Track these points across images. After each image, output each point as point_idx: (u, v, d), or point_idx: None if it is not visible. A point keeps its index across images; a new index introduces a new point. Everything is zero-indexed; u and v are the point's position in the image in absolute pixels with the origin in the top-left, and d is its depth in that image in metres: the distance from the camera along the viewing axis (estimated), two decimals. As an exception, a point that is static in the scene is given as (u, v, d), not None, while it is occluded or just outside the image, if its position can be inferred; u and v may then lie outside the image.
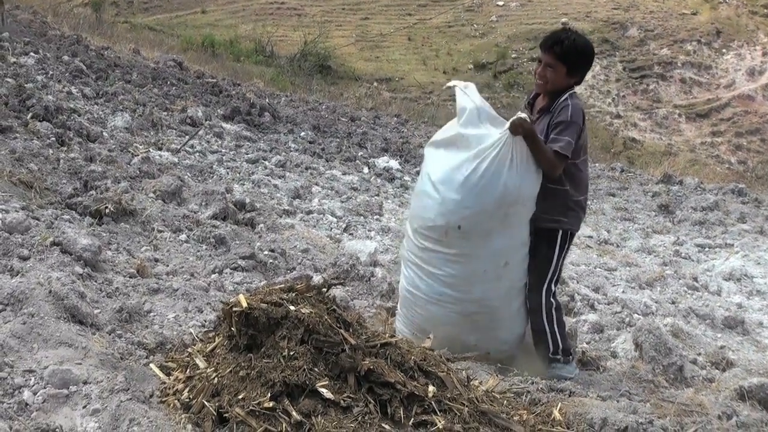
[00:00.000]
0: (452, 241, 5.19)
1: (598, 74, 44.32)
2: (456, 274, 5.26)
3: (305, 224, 8.94)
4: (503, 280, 5.31)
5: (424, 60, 46.39)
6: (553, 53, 5.30)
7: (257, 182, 10.30)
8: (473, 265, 5.22)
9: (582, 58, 5.33)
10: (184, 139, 11.41)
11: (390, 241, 9.07)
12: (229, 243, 7.07)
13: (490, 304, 5.35)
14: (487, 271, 5.23)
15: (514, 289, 5.42)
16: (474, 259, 5.22)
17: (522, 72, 42.40)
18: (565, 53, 5.27)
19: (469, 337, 5.38)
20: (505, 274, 5.29)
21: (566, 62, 5.27)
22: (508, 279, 5.34)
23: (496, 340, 5.47)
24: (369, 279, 7.03)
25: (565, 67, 5.28)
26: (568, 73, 5.29)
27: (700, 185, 15.79)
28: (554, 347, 5.48)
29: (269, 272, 6.70)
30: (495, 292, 5.32)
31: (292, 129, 15.27)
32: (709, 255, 10.96)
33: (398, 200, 11.64)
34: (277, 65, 36.02)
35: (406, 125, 21.04)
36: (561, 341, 5.50)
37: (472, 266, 5.22)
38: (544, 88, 5.41)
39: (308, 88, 28.61)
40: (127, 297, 5.16)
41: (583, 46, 5.33)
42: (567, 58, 5.27)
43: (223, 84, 18.31)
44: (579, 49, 5.30)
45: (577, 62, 5.31)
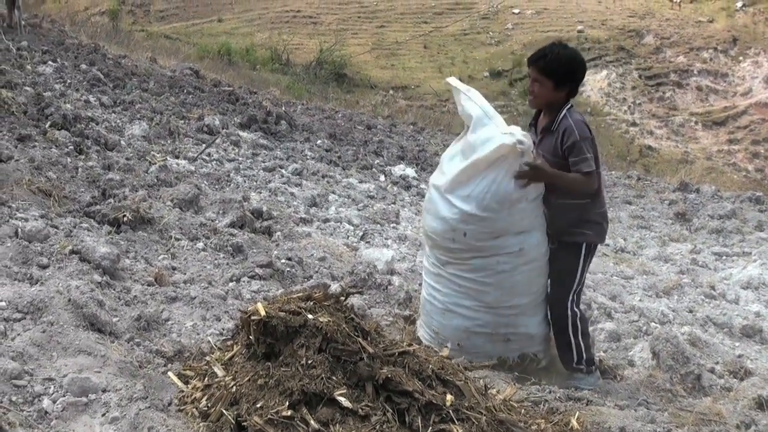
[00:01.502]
0: (461, 246, 5.22)
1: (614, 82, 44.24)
2: (472, 278, 5.29)
3: (322, 232, 8.94)
4: (520, 272, 5.30)
5: (440, 68, 46.35)
6: (537, 68, 5.31)
7: (274, 190, 10.32)
8: (487, 262, 5.25)
9: (567, 71, 5.29)
10: (200, 148, 11.45)
11: (407, 249, 9.07)
12: (246, 251, 7.09)
13: (509, 303, 5.37)
14: (500, 261, 5.25)
15: (534, 278, 5.44)
16: (485, 257, 5.25)
17: (538, 80, 42.31)
18: (550, 67, 5.26)
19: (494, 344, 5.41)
20: (520, 263, 5.29)
21: (552, 77, 5.26)
22: (526, 268, 5.33)
23: (525, 337, 5.47)
24: (386, 287, 7.03)
25: (552, 82, 5.26)
26: (555, 88, 5.27)
27: (717, 193, 15.72)
28: (578, 357, 5.48)
29: (286, 281, 6.71)
30: (511, 286, 5.32)
31: (309, 137, 15.30)
32: (726, 263, 10.91)
33: (415, 208, 11.64)
34: (293, 73, 36.11)
35: (422, 133, 21.07)
36: (585, 351, 5.50)
37: (486, 263, 5.25)
38: (535, 103, 5.44)
39: (324, 96, 28.71)
40: (145, 305, 5.17)
41: (567, 59, 5.29)
42: (552, 72, 5.25)
43: (240, 92, 18.36)
44: (563, 63, 5.26)
45: (563, 76, 5.28)
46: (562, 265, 5.44)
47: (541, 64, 5.27)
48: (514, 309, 5.39)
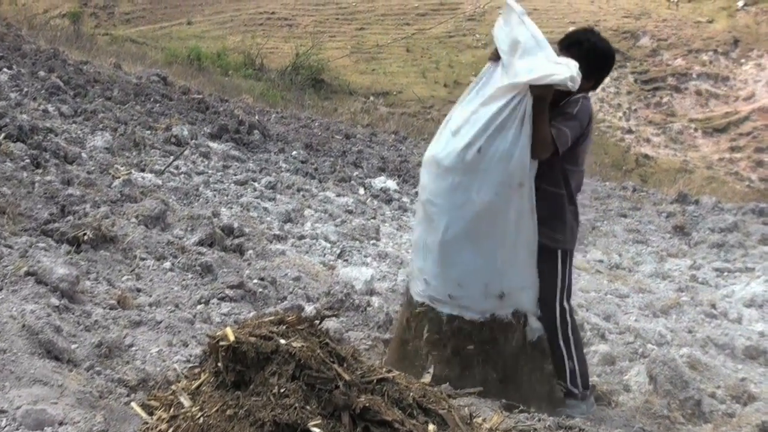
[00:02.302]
0: (471, 165, 5.23)
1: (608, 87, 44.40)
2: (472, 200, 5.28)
3: (297, 250, 8.94)
4: (513, 202, 5.28)
5: (424, 72, 46.43)
6: (570, 54, 5.22)
7: (246, 205, 10.30)
8: (491, 178, 5.23)
9: (600, 62, 5.32)
10: (168, 160, 11.42)
11: (387, 267, 9.07)
12: (216, 271, 7.07)
13: (505, 249, 5.37)
14: (503, 182, 5.22)
15: (524, 219, 5.38)
16: (491, 175, 5.21)
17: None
18: (584, 55, 5.22)
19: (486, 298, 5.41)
20: (516, 196, 5.26)
21: (589, 68, 5.20)
22: (518, 203, 5.30)
23: (518, 291, 5.46)
24: (365, 309, 7.03)
25: (588, 78, 5.22)
26: (584, 77, 5.12)
27: (718, 205, 15.78)
28: (572, 377, 5.45)
29: (259, 302, 6.70)
30: (505, 220, 5.31)
31: (283, 148, 15.30)
32: (728, 280, 10.95)
33: (396, 223, 11.65)
34: (267, 79, 36.09)
35: (405, 143, 21.09)
36: (578, 364, 5.48)
37: (490, 180, 5.23)
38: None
39: (300, 104, 28.69)
40: (107, 330, 5.15)
41: (603, 50, 5.33)
42: (585, 59, 5.17)
43: (210, 100, 18.33)
44: (599, 53, 5.30)
45: (595, 66, 5.30)
46: (542, 269, 5.45)
47: (576, 52, 5.25)
48: (511, 258, 5.39)
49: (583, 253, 11.35)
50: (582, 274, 10.08)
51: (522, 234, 5.34)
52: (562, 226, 5.41)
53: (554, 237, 5.39)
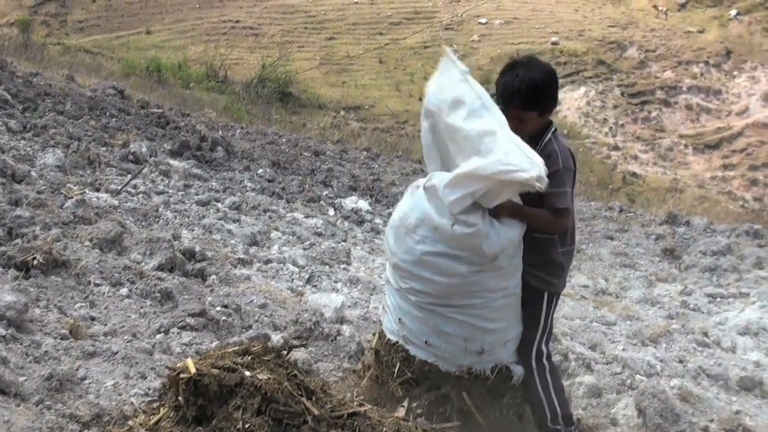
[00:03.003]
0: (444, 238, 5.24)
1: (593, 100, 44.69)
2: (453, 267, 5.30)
3: (263, 275, 8.92)
4: (488, 274, 5.30)
5: (398, 85, 46.61)
6: (514, 106, 5.23)
7: (209, 227, 10.28)
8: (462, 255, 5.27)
9: (548, 95, 5.30)
10: (125, 179, 11.39)
11: (359, 293, 9.06)
12: (176, 298, 7.05)
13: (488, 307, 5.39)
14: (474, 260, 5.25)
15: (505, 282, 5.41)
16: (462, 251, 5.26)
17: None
18: (528, 99, 5.21)
19: (465, 354, 5.40)
20: (489, 269, 5.29)
21: (534, 108, 5.23)
22: (495, 273, 5.32)
23: (499, 346, 5.46)
24: (335, 338, 7.02)
25: (535, 112, 5.24)
26: (540, 115, 5.25)
27: (710, 226, 15.84)
28: (552, 415, 5.46)
29: (222, 331, 6.68)
30: (483, 289, 5.32)
31: (249, 166, 15.29)
32: (721, 306, 10.97)
33: (368, 246, 11.65)
34: (231, 92, 36.11)
35: (377, 160, 21.10)
36: (560, 407, 5.48)
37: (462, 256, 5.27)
38: (520, 137, 5.20)
39: (267, 119, 28.70)
40: (58, 362, 5.12)
41: (541, 79, 5.21)
42: (533, 103, 5.22)
43: (171, 114, 18.30)
44: (541, 88, 5.21)
45: (545, 101, 5.28)
46: (527, 309, 5.49)
47: (518, 102, 5.21)
48: (493, 319, 5.39)
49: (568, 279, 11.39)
50: (566, 300, 10.10)
51: (502, 298, 5.38)
52: (552, 269, 5.44)
53: (543, 279, 5.42)
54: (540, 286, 5.41)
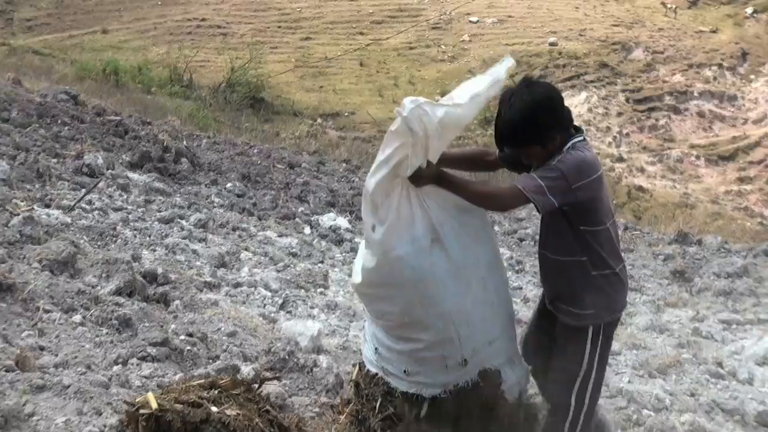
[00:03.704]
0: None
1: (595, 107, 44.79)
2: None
3: (232, 300, 8.92)
4: (437, 265, 5.34)
5: (380, 90, 46.65)
6: (516, 148, 5.30)
7: (172, 247, 10.27)
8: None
9: (548, 121, 5.12)
10: (79, 194, 11.36)
11: (338, 320, 9.07)
12: (135, 325, 7.03)
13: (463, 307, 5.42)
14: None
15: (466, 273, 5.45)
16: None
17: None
18: (528, 137, 5.15)
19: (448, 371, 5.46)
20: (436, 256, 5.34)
21: (535, 142, 5.16)
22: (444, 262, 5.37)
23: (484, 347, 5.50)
24: (311, 370, 7.02)
25: (538, 145, 5.17)
26: (545, 146, 5.16)
27: (725, 245, 15.84)
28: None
29: (186, 362, 6.67)
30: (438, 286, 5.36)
31: (216, 179, 15.28)
32: (737, 333, 10.95)
33: (348, 268, 11.63)
34: (197, 98, 36.13)
35: (358, 173, 21.10)
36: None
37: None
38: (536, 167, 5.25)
39: (236, 127, 28.71)
40: (3, 396, 5.10)
41: (521, 117, 5.09)
42: (533, 138, 5.15)
43: (130, 123, 18.27)
44: (535, 118, 5.08)
45: (547, 130, 5.15)
46: (562, 348, 5.41)
47: (518, 142, 5.21)
48: (466, 321, 5.41)
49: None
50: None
51: (472, 291, 5.42)
52: (586, 297, 5.28)
53: (577, 313, 5.32)
54: (577, 322, 5.33)
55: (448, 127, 5.11)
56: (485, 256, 5.56)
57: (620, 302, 5.45)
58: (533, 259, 13.50)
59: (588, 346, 5.32)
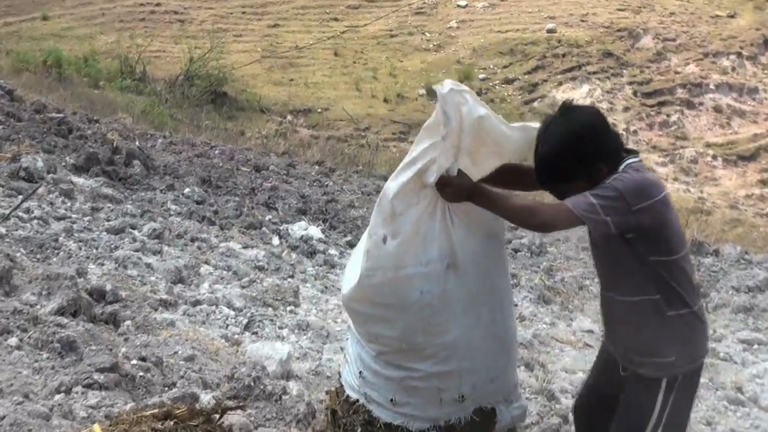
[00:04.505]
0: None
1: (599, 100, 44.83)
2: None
3: (190, 320, 8.90)
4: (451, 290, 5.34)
5: (357, 83, 46.66)
6: (556, 185, 5.12)
7: (122, 261, 10.23)
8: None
9: (586, 151, 4.97)
10: (15, 201, 11.34)
11: (309, 342, 9.06)
12: (81, 349, 7.02)
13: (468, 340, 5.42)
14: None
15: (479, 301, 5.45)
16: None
17: (494, 99, 42.59)
18: (565, 173, 5.04)
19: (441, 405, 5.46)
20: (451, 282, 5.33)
21: (577, 177, 5.01)
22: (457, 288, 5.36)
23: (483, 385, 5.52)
24: (280, 398, 7.01)
25: (581, 180, 5.01)
26: (590, 180, 4.98)
27: (745, 256, 15.87)
28: None
29: (138, 390, 6.65)
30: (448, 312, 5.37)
31: (173, 184, 15.27)
32: (758, 355, 10.98)
33: (321, 283, 11.64)
34: (151, 92, 36.10)
35: (332, 176, 21.14)
36: None
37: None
38: None
39: (196, 125, 28.70)
40: (-70, 431, 5.10)
41: (557, 152, 4.99)
42: (572, 174, 5.02)
43: (74, 121, 18.25)
44: (574, 151, 4.97)
45: (587, 163, 5.00)
46: (630, 398, 5.25)
47: (558, 179, 5.07)
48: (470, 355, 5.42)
49: (567, 322, 11.42)
50: (566, 349, 10.13)
51: (481, 323, 5.43)
52: (662, 343, 5.09)
53: (649, 363, 5.14)
54: (650, 372, 5.14)
55: (487, 137, 5.11)
56: (499, 287, 5.58)
57: (702, 347, 5.26)
58: (529, 272, 13.57)
59: (659, 401, 5.14)
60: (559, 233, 17.06)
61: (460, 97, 4.91)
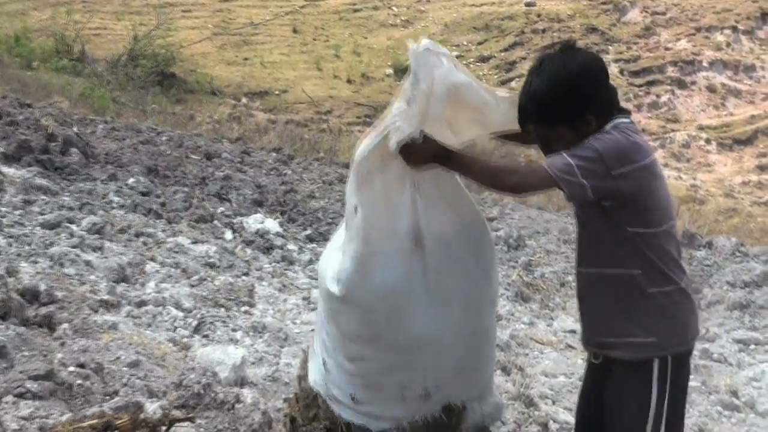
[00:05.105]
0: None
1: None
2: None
3: (134, 323, 8.88)
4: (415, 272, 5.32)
5: (318, 62, 46.62)
6: (540, 127, 5.04)
7: (59, 258, 10.19)
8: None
9: (579, 95, 4.92)
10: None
11: (266, 345, 9.04)
12: (11, 355, 6.99)
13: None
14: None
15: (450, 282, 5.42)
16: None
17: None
18: (552, 114, 4.96)
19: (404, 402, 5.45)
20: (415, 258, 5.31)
21: (564, 122, 4.95)
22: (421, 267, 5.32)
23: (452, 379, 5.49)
24: (233, 406, 7.00)
25: (567, 126, 4.96)
26: (576, 130, 4.94)
27: (740, 249, 15.93)
28: None
29: (76, 400, 6.63)
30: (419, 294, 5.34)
31: (115, 174, 15.22)
32: (755, 356, 11.02)
33: (278, 281, 11.63)
34: (91, 74, 35.96)
35: (291, 164, 21.14)
36: None
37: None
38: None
39: (141, 110, 28.64)
40: None
41: (548, 88, 4.90)
42: (560, 117, 4.95)
43: (4, 105, 18.19)
44: (567, 92, 4.89)
45: (577, 109, 4.94)
46: (621, 396, 5.15)
47: (542, 119, 4.99)
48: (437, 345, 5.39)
49: (547, 321, 11.44)
50: (546, 350, 10.15)
51: (451, 313, 5.39)
52: (643, 321, 5.02)
53: (635, 344, 5.04)
54: (636, 354, 5.04)
55: (467, 105, 5.15)
56: (474, 277, 5.51)
57: (692, 327, 5.16)
58: (506, 267, 13.60)
59: (654, 386, 5.02)
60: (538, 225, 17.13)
61: (435, 59, 4.90)
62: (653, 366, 4.97)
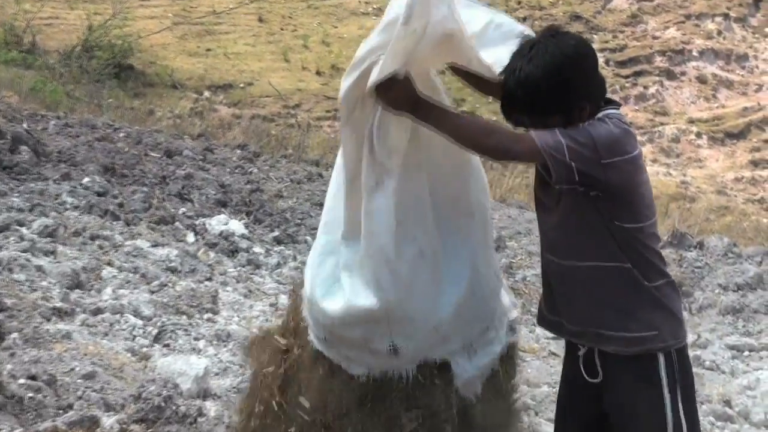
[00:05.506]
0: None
1: (566, 72, 44.90)
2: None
3: (90, 332, 8.86)
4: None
5: (285, 53, 46.56)
6: (531, 117, 4.89)
7: (8, 263, 10.17)
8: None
9: (575, 81, 4.85)
10: None
11: (231, 355, 9.04)
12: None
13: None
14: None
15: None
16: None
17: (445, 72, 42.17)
18: (547, 101, 4.84)
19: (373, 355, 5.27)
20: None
21: (558, 110, 4.86)
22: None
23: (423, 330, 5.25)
24: (195, 420, 7.00)
25: (560, 115, 4.85)
26: (570, 118, 4.85)
27: (733, 249, 15.94)
28: None
29: (27, 414, 6.62)
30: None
31: (69, 173, 15.19)
32: (749, 363, 11.03)
33: (244, 286, 11.62)
34: (42, 66, 35.82)
35: (257, 161, 21.11)
36: None
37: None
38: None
39: (96, 104, 28.54)
40: None
41: (563, 66, 4.79)
42: (554, 104, 4.84)
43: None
44: (562, 77, 4.80)
45: (573, 95, 4.86)
46: (626, 408, 5.04)
47: (536, 108, 4.85)
48: (407, 297, 5.16)
49: (530, 327, 11.44)
50: (528, 358, 10.15)
51: (414, 251, 5.16)
52: (641, 316, 4.95)
53: (636, 338, 4.95)
54: (637, 347, 4.96)
55: (455, 56, 5.10)
56: (451, 210, 5.38)
57: (683, 324, 5.13)
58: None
59: (664, 380, 4.94)
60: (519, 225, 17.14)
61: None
62: (659, 361, 4.91)
